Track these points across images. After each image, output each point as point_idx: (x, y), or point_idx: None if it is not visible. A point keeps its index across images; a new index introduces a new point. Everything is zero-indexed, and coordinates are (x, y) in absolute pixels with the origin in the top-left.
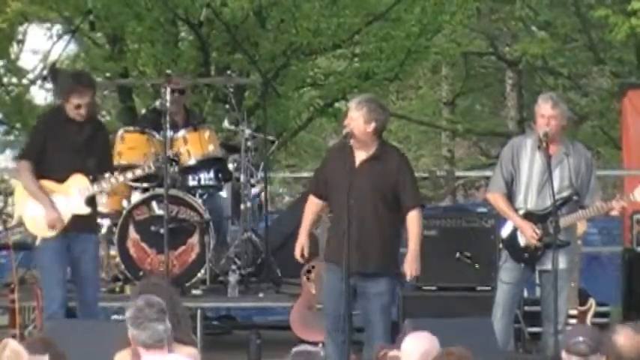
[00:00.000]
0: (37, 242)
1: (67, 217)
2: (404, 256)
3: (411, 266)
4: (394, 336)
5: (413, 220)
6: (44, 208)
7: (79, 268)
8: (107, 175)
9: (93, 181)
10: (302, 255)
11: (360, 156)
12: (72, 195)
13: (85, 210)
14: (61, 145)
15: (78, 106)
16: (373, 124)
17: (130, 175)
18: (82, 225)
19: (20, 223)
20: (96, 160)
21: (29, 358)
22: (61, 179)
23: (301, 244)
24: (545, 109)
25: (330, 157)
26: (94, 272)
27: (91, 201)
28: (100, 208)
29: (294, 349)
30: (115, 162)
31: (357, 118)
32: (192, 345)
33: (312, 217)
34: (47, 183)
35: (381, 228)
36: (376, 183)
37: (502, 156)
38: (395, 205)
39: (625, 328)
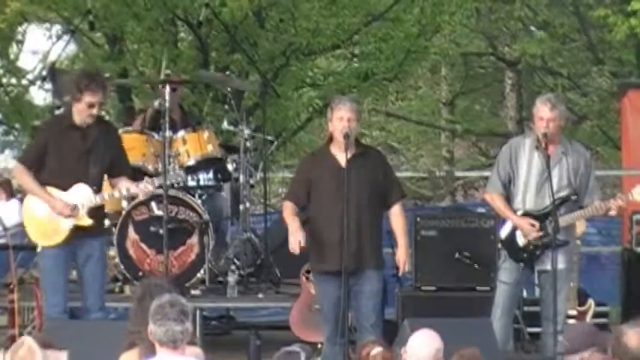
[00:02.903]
0: (39, 249)
1: (69, 227)
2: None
3: (406, 260)
4: (392, 336)
5: (401, 213)
6: (48, 202)
7: (82, 274)
8: (107, 193)
9: (97, 191)
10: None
11: (343, 156)
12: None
13: (88, 222)
14: (63, 153)
15: (91, 105)
16: (358, 122)
17: (134, 188)
18: (84, 232)
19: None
20: (105, 166)
21: (47, 353)
22: (64, 187)
23: (298, 236)
24: (544, 112)
25: (307, 165)
26: (98, 278)
27: (94, 211)
28: None
29: (276, 354)
30: None
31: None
32: (195, 345)
33: (295, 217)
34: (51, 190)
35: (374, 224)
36: (366, 180)
37: (500, 157)
38: (381, 199)
39: (632, 327)
